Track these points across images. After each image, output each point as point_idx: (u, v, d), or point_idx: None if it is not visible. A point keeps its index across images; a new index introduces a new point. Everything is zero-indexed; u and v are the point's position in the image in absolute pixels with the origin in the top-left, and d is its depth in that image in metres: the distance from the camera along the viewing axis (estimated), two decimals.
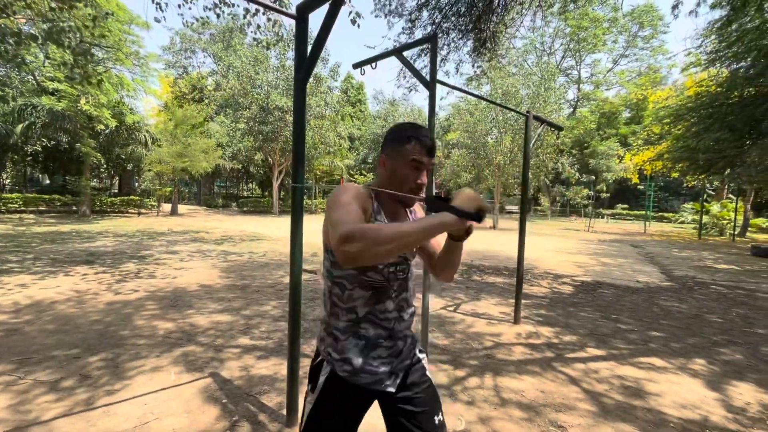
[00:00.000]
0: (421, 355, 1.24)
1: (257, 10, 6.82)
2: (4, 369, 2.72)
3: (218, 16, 7.97)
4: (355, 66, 3.58)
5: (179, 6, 7.44)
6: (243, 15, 7.39)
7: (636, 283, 6.88)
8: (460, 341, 3.63)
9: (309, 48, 2.02)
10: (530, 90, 18.93)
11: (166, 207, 23.03)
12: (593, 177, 32.89)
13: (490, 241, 13.38)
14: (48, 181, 22.55)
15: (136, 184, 25.20)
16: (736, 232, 17.93)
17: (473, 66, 5.59)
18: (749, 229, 20.23)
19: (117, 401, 2.36)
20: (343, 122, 30.49)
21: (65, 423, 2.13)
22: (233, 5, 6.75)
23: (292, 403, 2.13)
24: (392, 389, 1.13)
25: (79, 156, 17.01)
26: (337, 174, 31.68)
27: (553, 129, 4.63)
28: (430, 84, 2.94)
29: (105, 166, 21.26)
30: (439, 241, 1.18)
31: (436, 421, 1.15)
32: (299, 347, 2.16)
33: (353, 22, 6.26)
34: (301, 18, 2.03)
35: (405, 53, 3.86)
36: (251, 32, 7.58)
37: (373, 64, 3.43)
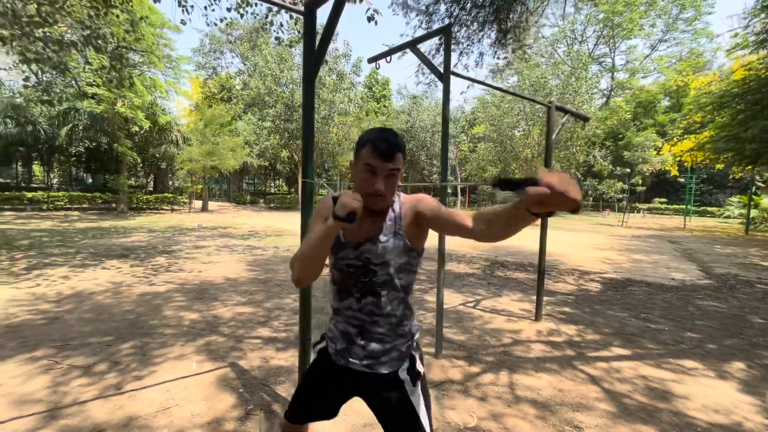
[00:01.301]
0: (404, 377, 1.18)
1: (279, 9, 6.93)
2: (45, 354, 2.94)
3: (241, 15, 8.17)
4: (370, 60, 3.57)
5: (205, 8, 7.69)
6: (266, 14, 7.54)
7: (671, 280, 6.53)
8: (477, 337, 3.58)
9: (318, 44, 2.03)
10: (560, 80, 18.27)
11: (198, 204, 23.98)
12: (628, 170, 31.37)
13: (516, 236, 13.07)
14: (91, 180, 23.99)
15: (170, 182, 26.36)
16: None
17: (494, 57, 5.43)
18: None
19: (143, 387, 2.49)
20: (368, 118, 30.56)
21: (96, 405, 2.27)
22: (254, 4, 6.87)
23: None
24: (367, 384, 1.20)
25: (117, 156, 17.98)
26: None
27: (577, 120, 4.44)
28: (444, 76, 2.89)
29: (141, 165, 22.35)
30: (458, 215, 1.06)
31: None
32: (310, 339, 2.20)
33: (370, 19, 6.23)
34: (309, 13, 2.05)
35: (422, 47, 3.81)
36: (274, 31, 7.70)
37: (388, 58, 3.41)
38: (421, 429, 1.14)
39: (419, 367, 1.21)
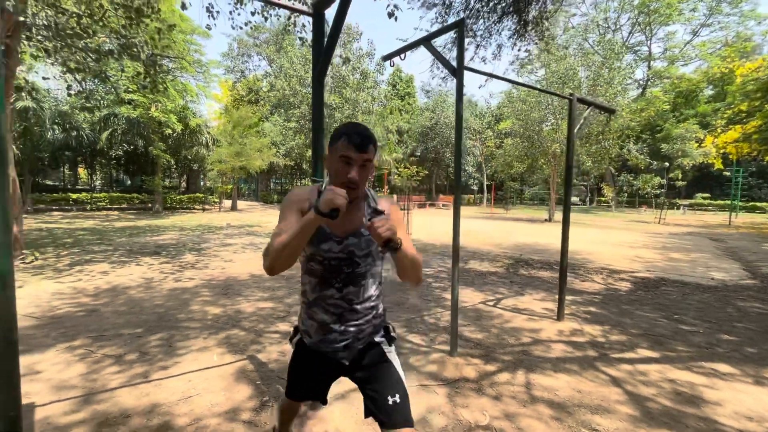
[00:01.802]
0: (380, 339, 1.32)
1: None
2: (82, 343, 3.15)
3: (265, 18, 8.36)
4: (385, 58, 3.58)
5: (230, 12, 7.94)
6: (288, 15, 7.69)
7: (709, 280, 6.16)
8: (495, 336, 3.52)
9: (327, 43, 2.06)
10: (591, 72, 17.50)
11: (227, 203, 24.82)
12: (666, 164, 29.72)
13: (543, 234, 12.72)
14: (129, 182, 25.35)
15: (202, 182, 27.42)
16: None
17: (512, 49, 5.28)
18: None
19: (167, 376, 2.62)
20: (392, 116, 30.54)
21: (124, 392, 2.42)
22: (274, 9, 7.01)
23: None
24: (346, 362, 1.27)
25: (152, 158, 18.89)
26: (385, 168, 31.89)
27: (602, 112, 4.27)
28: (457, 71, 2.85)
29: (174, 166, 23.37)
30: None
31: (390, 402, 1.21)
32: None
33: (391, 14, 6.23)
34: (317, 14, 2.08)
35: (437, 41, 3.78)
36: (297, 32, 7.85)
37: (402, 55, 3.40)
38: (401, 381, 1.25)
39: (393, 333, 1.37)
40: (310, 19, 8.11)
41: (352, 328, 1.25)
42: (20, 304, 4.07)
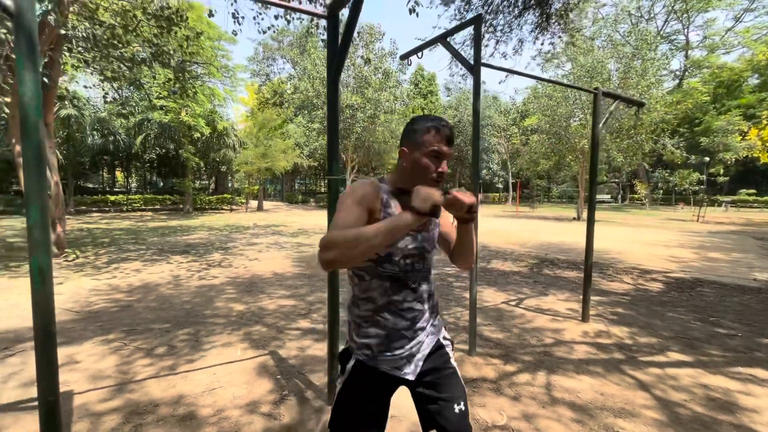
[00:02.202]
0: (445, 342, 1.26)
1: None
2: (116, 337, 3.33)
3: (288, 22, 8.54)
4: (402, 57, 3.58)
5: (254, 18, 8.16)
6: (311, 18, 7.82)
7: (751, 281, 5.79)
8: (517, 336, 3.46)
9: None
10: (621, 64, 16.79)
11: (254, 203, 25.50)
12: (706, 158, 28.07)
13: (570, 233, 12.34)
14: (162, 184, 26.51)
15: (230, 183, 28.31)
16: None
17: (534, 44, 5.15)
18: None
19: (193, 369, 2.74)
20: (414, 115, 30.41)
21: (153, 383, 2.54)
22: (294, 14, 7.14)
23: (331, 383, 2.27)
24: (411, 377, 1.16)
25: (182, 161, 19.67)
26: None
27: (630, 106, 4.09)
28: (474, 68, 2.82)
29: (203, 168, 24.25)
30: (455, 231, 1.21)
31: (456, 410, 1.15)
32: (338, 330, 2.28)
33: (411, 11, 6.22)
34: (332, 16, 2.11)
35: (455, 38, 3.74)
36: (320, 33, 7.97)
37: (420, 54, 3.40)
38: (464, 388, 1.22)
39: (446, 332, 1.31)
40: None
41: (421, 333, 1.18)
42: (62, 299, 4.35)
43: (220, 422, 2.11)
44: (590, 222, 3.83)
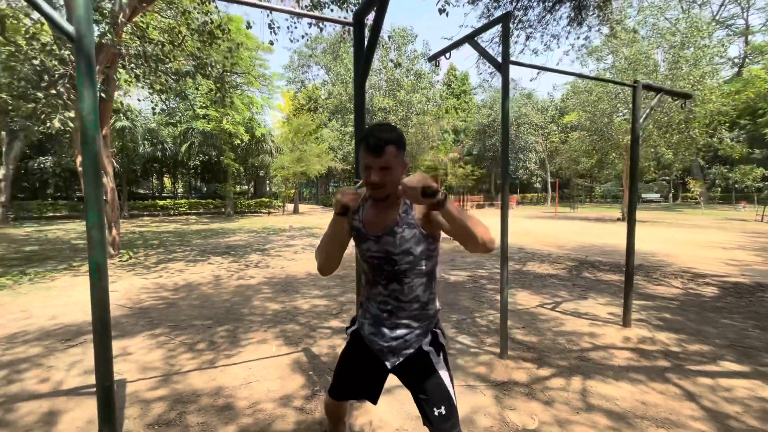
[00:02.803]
0: (428, 349, 1.29)
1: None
2: (162, 332, 3.58)
3: (321, 29, 8.77)
4: (430, 59, 3.60)
5: (288, 28, 8.47)
6: (342, 26, 8.02)
7: None
8: (551, 340, 3.34)
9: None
10: (668, 54, 15.70)
11: (290, 206, 26.30)
12: None
13: (614, 234, 11.72)
14: (205, 189, 28.01)
15: (268, 187, 29.40)
16: None
17: (567, 38, 4.94)
18: None
19: (231, 364, 2.89)
20: (447, 115, 30.15)
21: (195, 375, 2.71)
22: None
23: None
24: (389, 365, 1.29)
25: (223, 167, 20.68)
26: (441, 168, 31.53)
27: (675, 99, 3.85)
28: (502, 66, 2.78)
29: (243, 173, 25.35)
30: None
31: (437, 413, 1.22)
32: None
33: (441, 11, 6.22)
34: (358, 23, 2.17)
35: (484, 37, 3.70)
36: (351, 40, 8.14)
37: (447, 54, 3.39)
38: (447, 394, 1.26)
39: (441, 340, 1.33)
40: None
41: (400, 330, 1.28)
42: (116, 296, 4.73)
43: (255, 414, 2.22)
44: (631, 221, 3.63)
